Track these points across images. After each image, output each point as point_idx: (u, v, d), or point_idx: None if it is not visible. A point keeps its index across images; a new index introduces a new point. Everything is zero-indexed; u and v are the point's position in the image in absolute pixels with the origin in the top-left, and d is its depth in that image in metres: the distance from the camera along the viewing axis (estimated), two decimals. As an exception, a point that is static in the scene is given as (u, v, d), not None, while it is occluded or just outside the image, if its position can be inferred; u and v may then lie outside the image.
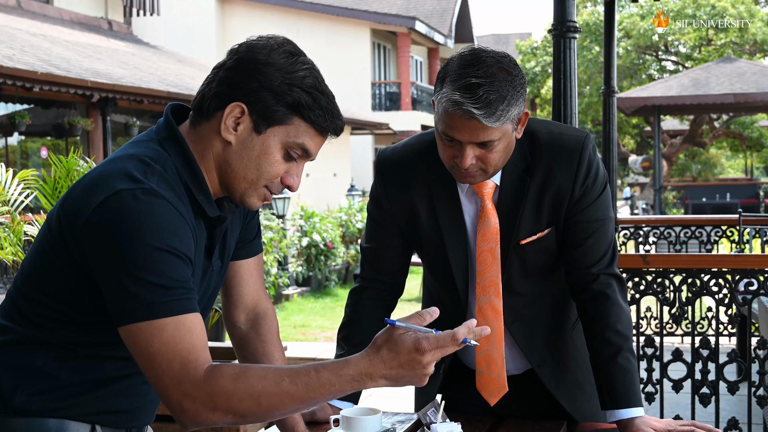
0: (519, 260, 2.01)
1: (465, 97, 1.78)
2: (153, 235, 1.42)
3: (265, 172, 1.56)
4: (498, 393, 2.06)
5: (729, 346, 6.15)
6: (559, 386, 2.10)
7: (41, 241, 1.57)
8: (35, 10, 14.76)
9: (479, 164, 1.87)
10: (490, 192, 1.99)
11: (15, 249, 4.38)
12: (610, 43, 6.37)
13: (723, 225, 6.58)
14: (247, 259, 1.84)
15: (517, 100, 1.83)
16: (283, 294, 10.81)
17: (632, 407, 1.96)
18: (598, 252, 2.01)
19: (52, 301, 1.54)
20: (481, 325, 1.51)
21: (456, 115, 1.80)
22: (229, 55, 1.58)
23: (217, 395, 1.39)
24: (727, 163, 38.68)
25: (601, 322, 1.99)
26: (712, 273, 3.51)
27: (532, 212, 1.98)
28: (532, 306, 2.07)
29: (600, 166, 2.01)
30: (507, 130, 1.86)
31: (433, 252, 2.08)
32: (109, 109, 11.96)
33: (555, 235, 2.01)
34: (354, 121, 19.68)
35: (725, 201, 20.87)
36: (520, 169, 1.98)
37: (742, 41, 24.03)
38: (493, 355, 2.03)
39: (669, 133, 26.24)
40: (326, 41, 22.76)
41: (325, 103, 1.55)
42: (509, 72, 1.83)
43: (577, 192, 1.97)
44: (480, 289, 2.01)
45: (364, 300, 2.16)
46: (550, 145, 1.99)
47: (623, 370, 1.97)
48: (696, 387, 3.50)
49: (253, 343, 1.85)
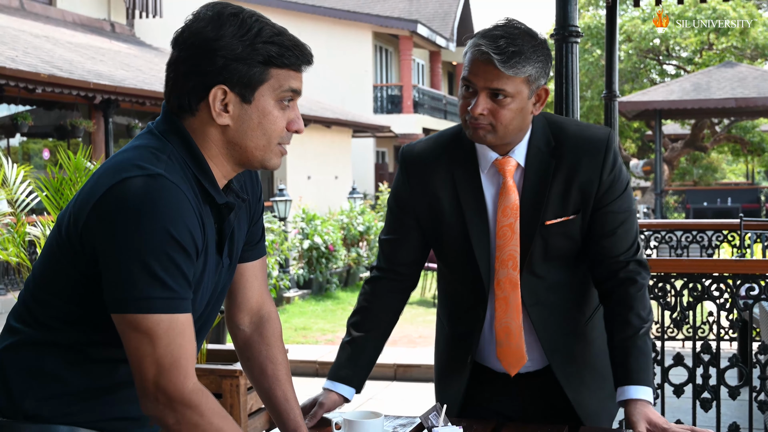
0: (542, 241, 2.07)
1: (487, 44, 1.94)
2: (160, 219, 1.43)
3: (272, 132, 1.58)
4: (517, 363, 2.12)
5: (730, 350, 6.15)
6: (569, 379, 2.14)
7: (51, 243, 1.57)
8: (38, 12, 14.79)
9: (489, 118, 1.97)
10: (512, 170, 2.07)
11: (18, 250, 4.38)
12: (612, 46, 6.37)
13: (724, 230, 6.58)
14: (253, 261, 1.84)
15: (535, 63, 1.96)
16: (284, 296, 10.81)
17: (642, 385, 1.99)
18: (628, 241, 2.08)
19: (60, 302, 1.54)
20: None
21: (476, 59, 1.96)
22: (178, 48, 1.56)
23: (188, 414, 1.46)
24: (728, 167, 38.69)
25: (626, 305, 2.05)
26: (714, 278, 3.52)
27: (558, 196, 2.05)
28: (552, 291, 2.12)
29: (622, 161, 2.10)
30: (521, 89, 1.96)
31: (454, 238, 2.12)
32: (111, 110, 11.97)
33: (580, 224, 2.07)
34: (356, 123, 19.70)
35: (726, 205, 20.87)
36: (545, 152, 2.06)
37: (743, 45, 24.04)
38: (512, 327, 2.09)
39: (670, 137, 26.25)
40: (328, 44, 22.77)
41: (289, 42, 1.57)
42: (534, 37, 1.98)
43: (606, 182, 2.04)
44: (499, 263, 2.07)
45: (378, 289, 2.21)
46: (578, 135, 2.08)
47: (640, 350, 2.02)
48: (697, 392, 3.50)
49: (257, 346, 1.85)
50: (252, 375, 1.86)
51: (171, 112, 1.59)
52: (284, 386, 1.83)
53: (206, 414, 1.47)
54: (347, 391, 2.10)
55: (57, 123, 11.75)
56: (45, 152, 12.33)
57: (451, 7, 27.11)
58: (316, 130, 18.30)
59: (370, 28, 23.25)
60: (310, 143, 18.37)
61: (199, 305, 1.61)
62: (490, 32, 1.96)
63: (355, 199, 14.13)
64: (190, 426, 1.46)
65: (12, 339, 1.58)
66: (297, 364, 6.80)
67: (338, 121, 18.69)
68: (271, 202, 11.62)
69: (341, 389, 2.10)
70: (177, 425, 1.46)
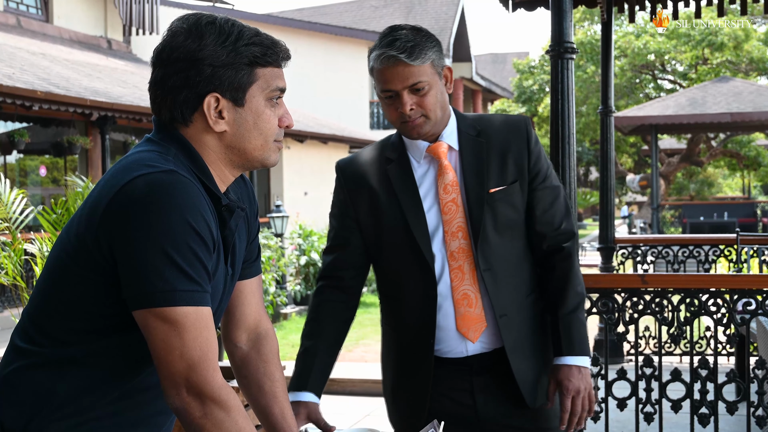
0: (491, 210, 2.26)
1: (387, 49, 2.15)
2: (179, 211, 1.43)
3: (267, 130, 1.61)
4: (478, 329, 2.25)
5: (728, 365, 6.14)
6: (514, 347, 2.27)
7: (58, 254, 1.56)
8: (35, 29, 14.82)
9: (419, 110, 2.19)
10: (445, 152, 2.28)
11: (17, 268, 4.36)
12: (608, 62, 6.40)
13: (721, 244, 6.60)
14: (250, 279, 1.84)
15: (432, 49, 2.19)
16: (282, 313, 10.79)
17: (585, 356, 2.27)
18: (561, 213, 2.34)
19: (77, 312, 1.53)
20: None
21: (384, 66, 2.16)
22: (162, 66, 1.56)
23: (215, 410, 1.45)
24: (725, 182, 38.75)
25: (566, 279, 2.31)
26: (711, 293, 3.52)
27: (496, 167, 2.28)
28: (502, 260, 2.28)
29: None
30: (433, 76, 2.18)
31: (394, 228, 2.26)
32: (108, 127, 11.98)
33: (520, 195, 2.29)
34: (352, 139, 19.72)
35: (723, 220, 20.89)
36: (473, 135, 2.30)
37: (737, 60, 24.14)
38: (470, 293, 2.25)
39: (666, 152, 26.30)
40: (324, 60, 22.84)
41: (268, 41, 1.60)
42: (419, 30, 2.20)
43: (534, 152, 2.30)
44: (449, 236, 2.25)
45: (323, 300, 2.32)
46: (499, 120, 2.35)
47: (581, 323, 2.30)
48: (695, 407, 3.50)
49: (255, 363, 1.85)
50: (249, 392, 1.85)
51: (164, 123, 1.60)
52: (282, 403, 1.83)
53: (233, 412, 1.48)
54: (310, 397, 2.17)
55: (54, 140, 11.75)
56: (42, 169, 12.33)
57: (446, 23, 27.23)
58: (313, 146, 18.32)
59: (367, 45, 23.31)
60: (306, 159, 18.39)
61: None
62: (384, 41, 2.17)
63: (352, 214, 14.11)
64: (216, 422, 1.46)
65: (22, 360, 1.56)
66: (294, 381, 6.78)
67: (335, 137, 18.72)
68: (268, 218, 11.62)
69: (303, 397, 2.17)
70: (203, 419, 1.46)
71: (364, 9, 28.92)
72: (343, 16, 28.43)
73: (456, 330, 2.25)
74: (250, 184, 1.83)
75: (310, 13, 28.79)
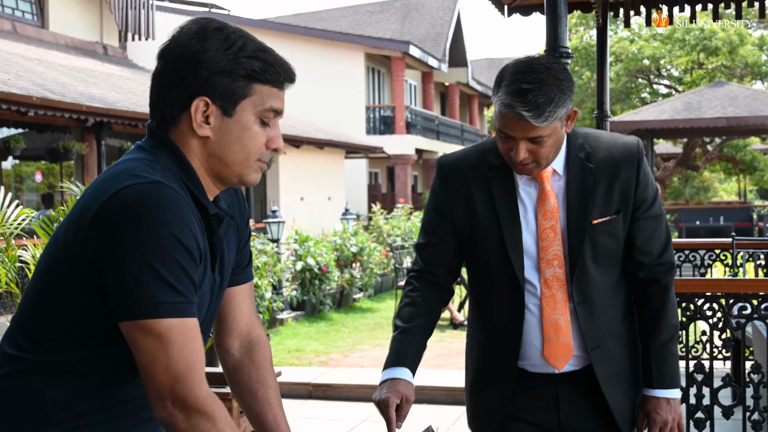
0: (591, 241, 2.19)
1: (516, 101, 2.02)
2: (166, 224, 1.43)
3: (250, 147, 1.59)
4: (564, 359, 2.20)
5: (723, 370, 6.14)
6: (607, 376, 2.23)
7: (46, 261, 1.56)
8: (30, 35, 14.81)
9: (532, 157, 2.10)
10: (548, 176, 2.20)
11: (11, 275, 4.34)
12: (603, 66, 6.41)
13: (716, 249, 6.59)
14: (241, 285, 1.84)
15: (564, 102, 2.06)
16: (278, 318, 10.77)
17: (675, 388, 2.25)
18: (662, 243, 2.26)
19: (65, 318, 1.52)
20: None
21: (509, 116, 2.05)
22: (162, 60, 1.58)
23: (201, 421, 1.46)
24: (721, 186, 38.82)
25: (661, 311, 2.25)
26: (706, 297, 3.52)
27: (602, 197, 2.19)
28: (598, 290, 2.22)
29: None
30: (556, 127, 2.08)
31: (489, 241, 2.22)
32: (104, 133, 11.98)
33: (622, 225, 2.21)
34: (348, 144, 19.73)
35: (719, 224, 20.93)
36: (582, 158, 2.21)
37: (732, 65, 24.20)
38: (560, 323, 2.19)
39: (662, 156, 26.34)
40: (321, 65, 22.86)
41: (272, 59, 1.58)
42: (557, 77, 2.05)
43: (642, 182, 2.21)
44: (544, 263, 2.19)
45: (418, 285, 2.30)
46: (611, 142, 2.24)
47: (672, 355, 2.25)
48: (691, 411, 3.50)
49: (247, 369, 1.84)
50: (242, 399, 1.84)
51: (156, 128, 1.60)
52: (275, 410, 1.82)
53: (219, 422, 1.48)
54: (407, 374, 2.17)
55: (49, 146, 11.75)
56: (37, 175, 12.32)
57: (443, 29, 27.27)
58: (309, 151, 18.33)
59: (363, 50, 23.35)
60: (303, 164, 18.39)
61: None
62: (515, 85, 2.02)
63: (348, 220, 14.12)
64: None
65: (11, 366, 1.56)
66: (290, 386, 6.76)
67: (331, 142, 18.73)
68: (264, 224, 11.61)
69: (400, 373, 2.16)
70: (189, 430, 1.46)
71: (360, 14, 28.97)
72: (340, 21, 28.47)
73: (541, 356, 2.21)
74: (241, 190, 1.82)
75: (307, 18, 28.82)
